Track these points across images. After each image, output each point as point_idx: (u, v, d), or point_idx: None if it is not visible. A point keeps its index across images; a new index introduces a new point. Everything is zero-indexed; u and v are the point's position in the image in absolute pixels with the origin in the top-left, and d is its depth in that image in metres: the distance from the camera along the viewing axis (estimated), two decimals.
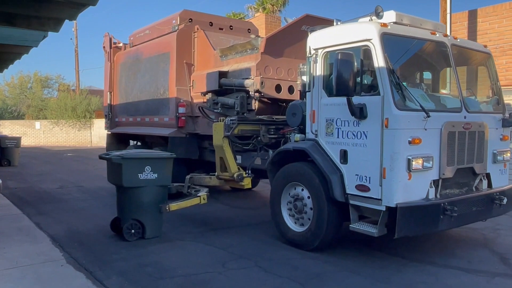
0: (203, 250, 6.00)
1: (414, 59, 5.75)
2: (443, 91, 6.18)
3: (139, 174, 6.24)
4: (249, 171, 7.07)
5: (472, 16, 12.46)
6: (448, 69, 6.11)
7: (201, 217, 7.92)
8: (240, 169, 7.17)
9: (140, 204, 6.36)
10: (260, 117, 7.28)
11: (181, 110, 9.06)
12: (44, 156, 22.39)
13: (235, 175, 7.00)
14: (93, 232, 6.88)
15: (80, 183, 12.30)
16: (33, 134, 32.13)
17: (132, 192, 6.30)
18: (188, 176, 8.16)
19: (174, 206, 6.54)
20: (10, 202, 8.86)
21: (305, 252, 5.75)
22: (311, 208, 5.67)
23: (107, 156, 6.49)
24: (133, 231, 6.36)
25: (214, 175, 7.69)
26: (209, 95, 8.28)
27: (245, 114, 7.51)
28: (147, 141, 11.06)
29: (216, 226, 7.30)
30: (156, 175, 6.35)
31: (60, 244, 6.12)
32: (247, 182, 7.07)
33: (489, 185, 5.83)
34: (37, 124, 32.57)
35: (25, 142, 27.26)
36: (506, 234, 6.80)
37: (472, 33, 12.05)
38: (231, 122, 6.95)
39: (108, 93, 12.02)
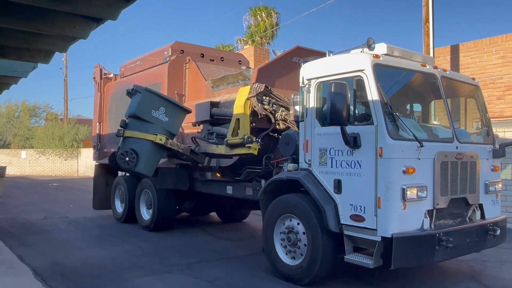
0: (189, 283, 5.83)
1: (406, 89, 5.84)
2: (434, 121, 6.24)
3: (153, 111, 6.49)
4: (259, 139, 6.83)
5: (454, 51, 12.83)
6: (437, 100, 6.21)
7: (189, 249, 7.74)
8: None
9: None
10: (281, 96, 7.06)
11: None
12: (29, 186, 21.95)
13: (245, 137, 6.76)
14: (77, 265, 6.65)
15: (65, 214, 12.02)
16: (19, 163, 31.64)
17: (140, 123, 6.48)
18: (193, 142, 8.04)
19: (128, 133, 6.64)
20: None
21: (293, 285, 5.61)
22: (305, 245, 5.56)
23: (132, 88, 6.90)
24: (127, 158, 6.42)
25: (222, 144, 7.42)
26: (202, 126, 8.23)
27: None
28: None
29: (203, 258, 7.13)
30: (167, 119, 6.60)
31: (42, 277, 5.91)
32: (255, 147, 6.77)
33: (482, 216, 5.82)
34: (23, 153, 32.13)
35: (10, 171, 26.82)
36: (493, 266, 6.75)
37: (455, 67, 12.38)
38: (258, 86, 6.86)
39: (98, 123, 11.92)
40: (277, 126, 6.89)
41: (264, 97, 6.81)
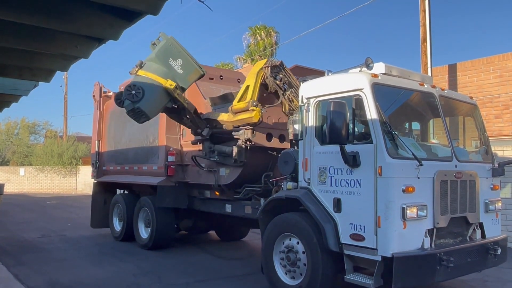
0: None
1: (404, 108, 5.86)
2: (433, 140, 6.26)
3: (171, 59, 6.67)
4: (264, 108, 6.83)
5: (452, 70, 12.97)
6: (435, 119, 6.23)
7: (187, 268, 7.67)
8: None
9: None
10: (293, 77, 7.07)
11: (171, 158, 8.98)
12: (27, 203, 21.82)
13: (250, 101, 6.72)
14: (74, 284, 6.58)
15: (62, 232, 11.92)
16: (17, 180, 31.50)
17: (156, 67, 6.66)
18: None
19: (142, 71, 6.72)
20: None
21: None
22: (304, 264, 5.52)
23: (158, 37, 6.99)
24: (133, 91, 6.45)
25: (226, 112, 7.39)
26: (203, 144, 8.24)
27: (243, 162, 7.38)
28: (134, 190, 10.89)
29: (202, 278, 7.06)
30: (181, 72, 6.75)
31: None
32: (258, 111, 6.68)
33: (483, 235, 5.78)
34: (22, 170, 32.01)
35: (9, 189, 26.69)
36: (494, 286, 6.67)
37: (453, 86, 12.49)
38: (273, 60, 6.91)
39: (96, 141, 11.91)
40: (282, 108, 6.91)
41: (277, 73, 6.88)
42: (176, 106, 7.39)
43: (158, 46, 7.01)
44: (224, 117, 7.32)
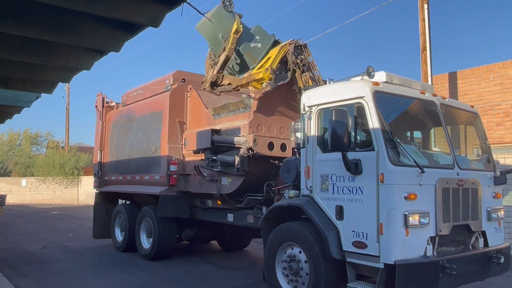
0: None
1: (406, 116, 5.89)
2: (435, 148, 6.27)
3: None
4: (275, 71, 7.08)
5: (452, 78, 13.01)
6: (436, 127, 6.25)
7: (189, 279, 7.65)
8: None
9: None
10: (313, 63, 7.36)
11: (173, 168, 9.00)
12: (29, 214, 21.79)
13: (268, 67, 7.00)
14: None
15: (64, 243, 11.89)
16: (19, 191, 31.51)
17: None
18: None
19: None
20: None
21: None
22: (307, 273, 5.49)
23: None
24: None
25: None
26: (205, 153, 8.27)
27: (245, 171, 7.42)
28: (136, 200, 10.88)
29: None
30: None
31: None
32: (268, 72, 7.07)
33: (485, 244, 5.76)
34: (23, 181, 32.03)
35: (11, 199, 26.67)
36: None
37: (453, 94, 12.52)
38: (299, 39, 7.26)
39: (99, 151, 11.95)
40: (294, 88, 7.12)
41: (299, 54, 7.15)
42: None
43: None
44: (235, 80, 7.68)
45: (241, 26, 7.43)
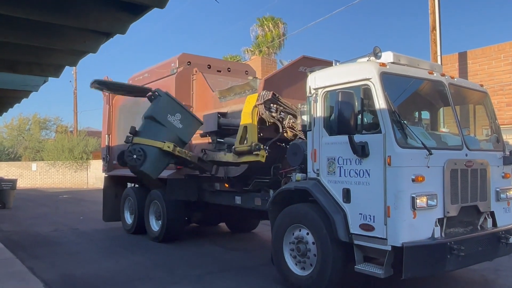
0: None
1: (413, 97, 5.81)
2: (443, 129, 6.20)
3: (169, 115, 6.74)
4: (267, 147, 6.78)
5: (462, 58, 12.80)
6: (445, 108, 6.17)
7: (198, 260, 7.73)
8: None
9: (153, 138, 6.68)
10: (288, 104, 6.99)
11: None
12: (40, 198, 22.12)
13: (253, 144, 6.71)
14: (87, 277, 6.67)
15: (75, 226, 12.07)
16: (29, 175, 31.93)
17: (155, 125, 6.72)
18: (202, 151, 8.04)
19: (136, 139, 6.72)
20: (3, 246, 8.62)
21: None
22: (314, 255, 5.52)
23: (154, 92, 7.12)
24: (135, 156, 6.56)
25: (230, 152, 7.39)
26: (212, 137, 8.27)
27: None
28: (144, 183, 10.96)
29: (213, 269, 7.12)
30: (181, 126, 6.81)
31: None
32: (262, 154, 6.72)
33: (494, 224, 5.73)
34: (34, 165, 32.43)
35: (21, 184, 27.06)
36: (506, 275, 6.64)
37: (463, 74, 12.34)
38: (265, 93, 6.81)
39: (106, 135, 12.00)
40: (285, 134, 6.87)
41: (271, 105, 6.79)
42: (179, 160, 7.61)
43: (155, 103, 7.04)
44: (229, 158, 7.37)
45: None
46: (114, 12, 4.46)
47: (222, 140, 7.87)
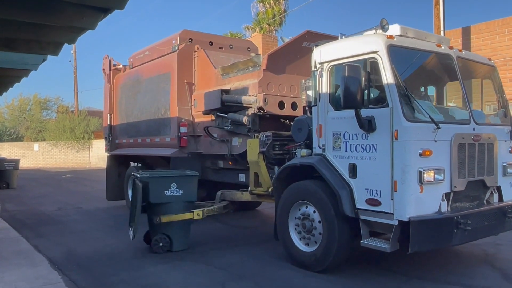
0: (202, 270, 5.85)
1: (421, 71, 5.69)
2: (450, 103, 6.11)
3: (165, 191, 6.62)
4: None
5: (466, 33, 12.59)
6: (451, 82, 6.07)
7: (201, 236, 7.74)
8: None
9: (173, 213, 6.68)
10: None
11: (183, 129, 8.96)
12: (43, 178, 22.20)
13: (269, 190, 6.75)
14: (92, 255, 6.70)
15: (78, 205, 12.12)
16: (32, 156, 32.01)
17: (159, 207, 6.64)
18: (219, 192, 8.12)
19: (165, 218, 6.65)
20: (8, 225, 8.67)
21: (306, 271, 5.58)
22: (320, 233, 5.50)
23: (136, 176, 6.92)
24: (161, 244, 6.66)
25: (246, 190, 7.49)
26: (215, 114, 8.18)
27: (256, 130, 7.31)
28: (148, 162, 10.94)
29: (216, 246, 7.15)
30: (181, 192, 6.72)
31: (58, 267, 5.95)
32: None
33: (500, 199, 5.70)
34: (36, 146, 32.49)
35: (24, 164, 27.13)
36: (506, 249, 6.66)
37: (467, 49, 12.13)
38: (266, 138, 6.79)
39: (108, 115, 11.94)
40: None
41: (273, 146, 6.79)
42: None
43: (147, 190, 6.59)
44: (247, 197, 7.57)
45: None
46: None
47: (226, 116, 7.80)
